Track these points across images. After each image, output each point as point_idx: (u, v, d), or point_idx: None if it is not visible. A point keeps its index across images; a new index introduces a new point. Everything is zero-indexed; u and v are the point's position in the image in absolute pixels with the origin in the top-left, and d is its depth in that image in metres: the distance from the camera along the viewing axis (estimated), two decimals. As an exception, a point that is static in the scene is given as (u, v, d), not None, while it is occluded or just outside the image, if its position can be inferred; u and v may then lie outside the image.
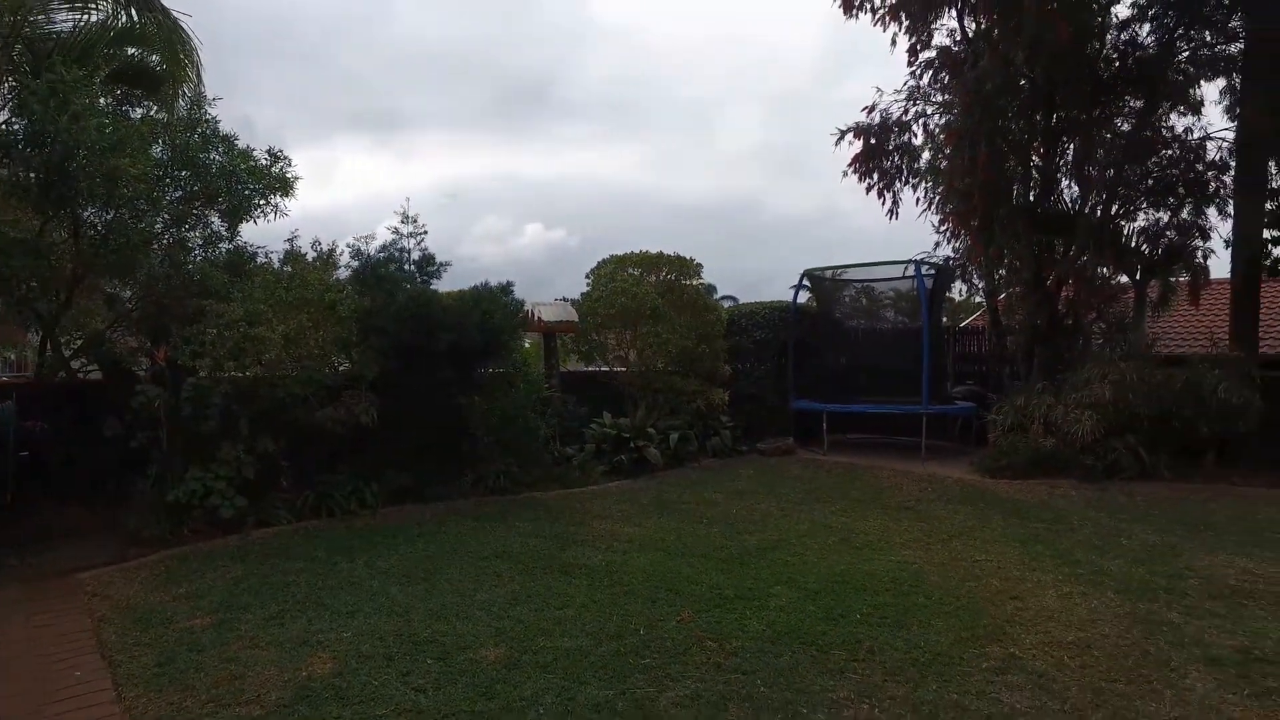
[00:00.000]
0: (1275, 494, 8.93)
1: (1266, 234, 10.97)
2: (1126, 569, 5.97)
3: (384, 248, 8.94)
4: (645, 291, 12.11)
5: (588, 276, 13.02)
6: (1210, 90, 11.34)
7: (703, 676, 4.02)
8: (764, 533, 7.19)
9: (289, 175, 8.29)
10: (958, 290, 15.67)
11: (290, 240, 8.73)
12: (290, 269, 8.29)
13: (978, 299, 15.75)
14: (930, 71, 12.03)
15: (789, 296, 13.66)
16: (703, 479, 10.12)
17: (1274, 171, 11.12)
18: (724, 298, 17.34)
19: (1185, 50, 11.01)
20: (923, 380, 11.36)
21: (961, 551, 6.49)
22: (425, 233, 9.09)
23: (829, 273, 13.93)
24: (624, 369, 12.33)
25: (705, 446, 11.72)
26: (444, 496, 8.53)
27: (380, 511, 7.93)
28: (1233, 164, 11.34)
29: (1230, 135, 11.36)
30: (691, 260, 12.88)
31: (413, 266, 9.00)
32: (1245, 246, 11.12)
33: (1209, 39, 11.01)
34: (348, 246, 8.87)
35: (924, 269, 12.42)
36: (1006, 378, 12.55)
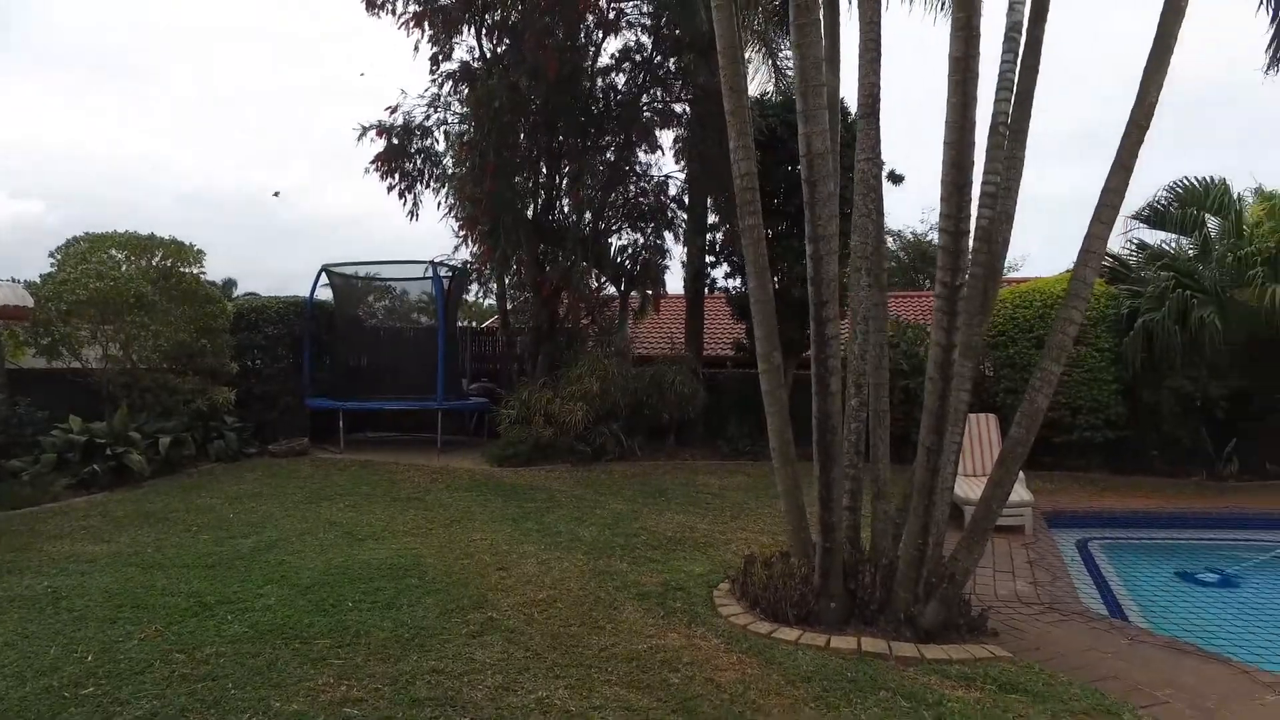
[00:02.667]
0: (711, 464, 11.31)
1: (708, 259, 13.76)
2: (596, 534, 6.96)
3: None
4: (129, 276, 10.36)
5: (53, 255, 10.71)
6: (668, 138, 13.67)
7: (162, 693, 3.60)
8: (261, 535, 6.71)
9: None
10: (475, 293, 16.53)
11: None
12: None
13: (493, 301, 16.75)
14: (451, 83, 12.46)
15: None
16: (199, 485, 9.06)
17: (710, 209, 13.91)
18: (247, 294, 15.97)
19: (649, 102, 13.18)
20: (438, 377, 11.71)
21: (460, 533, 6.86)
22: None
23: (350, 269, 13.55)
24: (103, 365, 10.38)
25: (207, 450, 10.52)
26: None
27: None
28: (686, 200, 13.95)
29: (683, 176, 13.94)
30: (191, 246, 11.44)
31: None
32: (692, 266, 13.84)
33: (664, 96, 13.34)
34: None
35: (442, 271, 12.83)
36: (515, 375, 13.52)
